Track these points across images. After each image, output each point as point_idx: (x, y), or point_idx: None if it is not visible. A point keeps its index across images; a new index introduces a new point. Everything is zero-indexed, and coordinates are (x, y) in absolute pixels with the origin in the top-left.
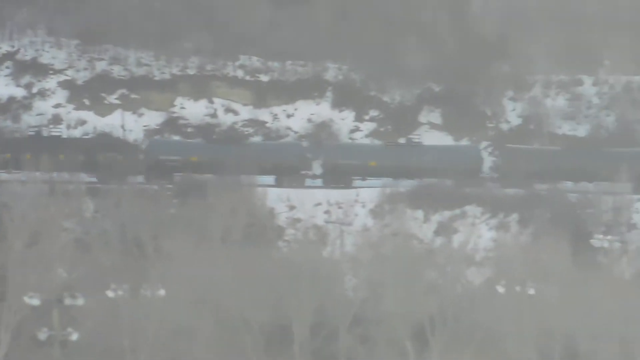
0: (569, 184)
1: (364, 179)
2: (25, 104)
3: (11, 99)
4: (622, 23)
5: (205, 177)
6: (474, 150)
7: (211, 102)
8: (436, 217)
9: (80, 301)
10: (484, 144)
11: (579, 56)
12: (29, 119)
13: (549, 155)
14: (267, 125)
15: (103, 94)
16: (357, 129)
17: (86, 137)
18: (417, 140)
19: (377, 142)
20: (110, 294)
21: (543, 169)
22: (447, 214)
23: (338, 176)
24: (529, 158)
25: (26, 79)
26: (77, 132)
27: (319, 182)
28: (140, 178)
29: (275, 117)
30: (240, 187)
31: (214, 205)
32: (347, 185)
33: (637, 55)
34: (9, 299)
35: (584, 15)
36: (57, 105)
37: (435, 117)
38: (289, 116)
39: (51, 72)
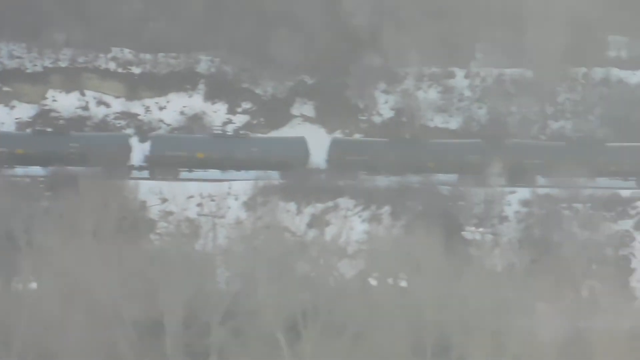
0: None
1: (190, 171)
2: None
3: None
4: (493, 16)
5: (77, 169)
6: (301, 142)
7: (83, 94)
8: (309, 210)
9: None
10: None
11: (451, 49)
12: None
13: (374, 146)
14: (140, 117)
15: None
16: (229, 122)
17: None
18: (243, 132)
19: (203, 134)
20: None
21: (369, 160)
22: (319, 206)
23: (164, 168)
24: (356, 149)
25: None
26: None
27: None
28: None
29: (147, 109)
30: (111, 180)
31: (86, 198)
32: (174, 177)
33: (508, 48)
34: None
35: (455, 7)
36: None
37: (308, 109)
38: (161, 108)
39: None
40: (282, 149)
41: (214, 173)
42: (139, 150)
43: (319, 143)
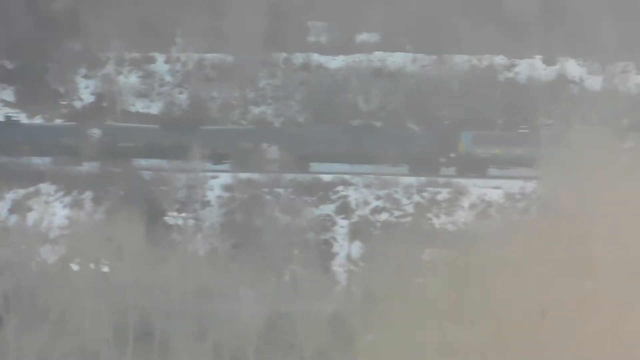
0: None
1: None
2: None
3: None
4: (193, 0)
5: None
6: None
7: None
8: (10, 195)
9: None
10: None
11: (152, 34)
12: None
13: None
14: None
15: None
16: None
17: None
18: None
19: None
20: None
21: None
22: (21, 192)
23: None
24: None
25: None
26: None
27: None
28: None
29: None
30: None
31: None
32: None
33: (208, 33)
34: None
35: None
36: None
37: (8, 94)
38: None
39: None
40: None
41: None
42: None
43: None
